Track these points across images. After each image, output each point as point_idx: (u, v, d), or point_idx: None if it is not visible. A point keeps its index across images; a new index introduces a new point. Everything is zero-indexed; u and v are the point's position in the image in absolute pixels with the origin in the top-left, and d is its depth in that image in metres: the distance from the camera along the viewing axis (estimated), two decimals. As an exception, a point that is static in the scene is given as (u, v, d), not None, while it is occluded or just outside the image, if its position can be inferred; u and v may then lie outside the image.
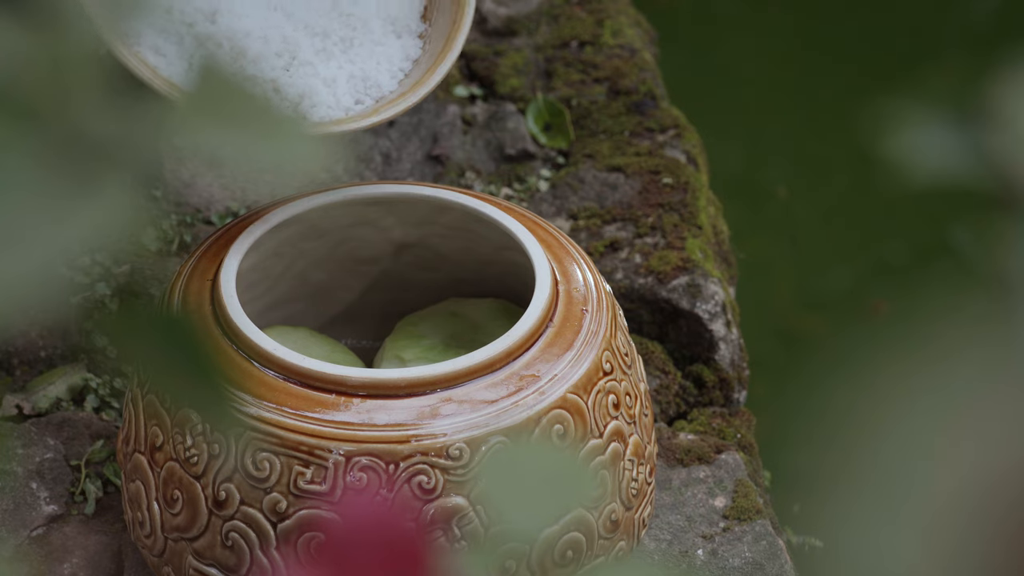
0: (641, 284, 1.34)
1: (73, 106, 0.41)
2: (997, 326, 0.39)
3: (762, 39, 2.19)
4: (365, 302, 1.22)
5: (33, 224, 0.40)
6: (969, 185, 0.45)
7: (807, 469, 0.49)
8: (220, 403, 0.47)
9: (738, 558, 1.18)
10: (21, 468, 1.20)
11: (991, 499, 0.37)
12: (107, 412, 1.25)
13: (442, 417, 0.99)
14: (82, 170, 0.40)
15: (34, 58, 0.41)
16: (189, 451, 1.01)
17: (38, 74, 0.41)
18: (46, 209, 0.40)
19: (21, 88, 0.41)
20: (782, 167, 2.03)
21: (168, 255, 1.36)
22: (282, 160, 0.42)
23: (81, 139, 0.41)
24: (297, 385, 1.00)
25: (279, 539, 0.99)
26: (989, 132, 0.44)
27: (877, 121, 0.55)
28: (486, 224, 1.13)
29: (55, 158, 0.40)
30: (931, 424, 0.38)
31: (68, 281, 1.29)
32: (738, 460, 1.25)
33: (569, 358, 1.03)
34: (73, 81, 0.41)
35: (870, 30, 2.20)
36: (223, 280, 1.05)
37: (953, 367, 0.38)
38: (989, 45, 2.12)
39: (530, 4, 1.61)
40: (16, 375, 1.29)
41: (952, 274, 1.83)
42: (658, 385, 1.31)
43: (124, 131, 0.41)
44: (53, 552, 1.16)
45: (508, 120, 1.50)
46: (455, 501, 0.98)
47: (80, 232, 0.40)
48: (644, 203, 1.41)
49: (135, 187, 0.40)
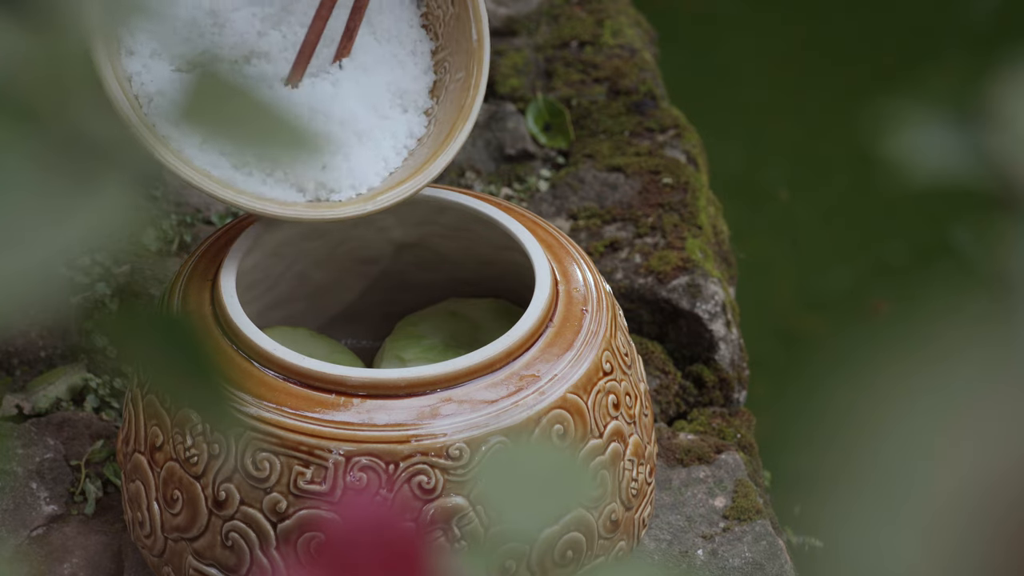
0: (641, 284, 1.34)
1: (73, 106, 0.41)
2: (997, 326, 0.39)
3: (762, 39, 2.19)
4: (365, 302, 1.22)
5: (33, 224, 0.40)
6: (969, 185, 0.45)
7: (807, 469, 0.49)
8: (220, 403, 0.47)
9: (738, 558, 1.18)
10: (21, 468, 1.20)
11: (991, 499, 0.37)
12: (107, 412, 1.25)
13: (442, 417, 0.99)
14: (82, 170, 0.40)
15: (34, 58, 0.41)
16: (189, 451, 1.01)
17: (38, 74, 0.41)
18: (46, 209, 0.40)
19: (20, 88, 0.41)
20: (782, 167, 2.03)
21: (168, 255, 1.36)
22: (281, 161, 0.43)
23: (81, 139, 0.41)
24: (297, 385, 1.00)
25: (279, 539, 0.99)
26: (989, 132, 0.44)
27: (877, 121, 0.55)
28: (486, 224, 1.13)
29: (55, 158, 0.40)
30: (931, 424, 0.38)
31: (68, 281, 1.29)
32: (738, 460, 1.25)
33: (569, 358, 1.03)
34: (72, 81, 0.41)
35: (870, 30, 2.20)
36: (223, 280, 1.05)
37: (953, 367, 0.38)
38: (989, 45, 2.12)
39: (530, 4, 1.61)
40: (16, 375, 1.29)
41: (952, 274, 1.83)
42: (658, 385, 1.31)
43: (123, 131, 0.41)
44: (53, 552, 1.16)
45: (508, 120, 1.50)
46: (455, 501, 0.98)
47: (80, 232, 0.40)
48: (644, 203, 1.41)
49: (135, 187, 0.40)
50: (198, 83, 0.42)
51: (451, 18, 1.12)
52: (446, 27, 1.13)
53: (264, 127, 0.42)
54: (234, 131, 0.42)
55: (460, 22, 1.12)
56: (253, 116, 0.42)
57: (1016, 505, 0.37)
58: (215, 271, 1.07)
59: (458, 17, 1.12)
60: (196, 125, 0.42)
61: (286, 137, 0.43)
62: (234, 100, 0.42)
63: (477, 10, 1.11)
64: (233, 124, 0.42)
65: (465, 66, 1.11)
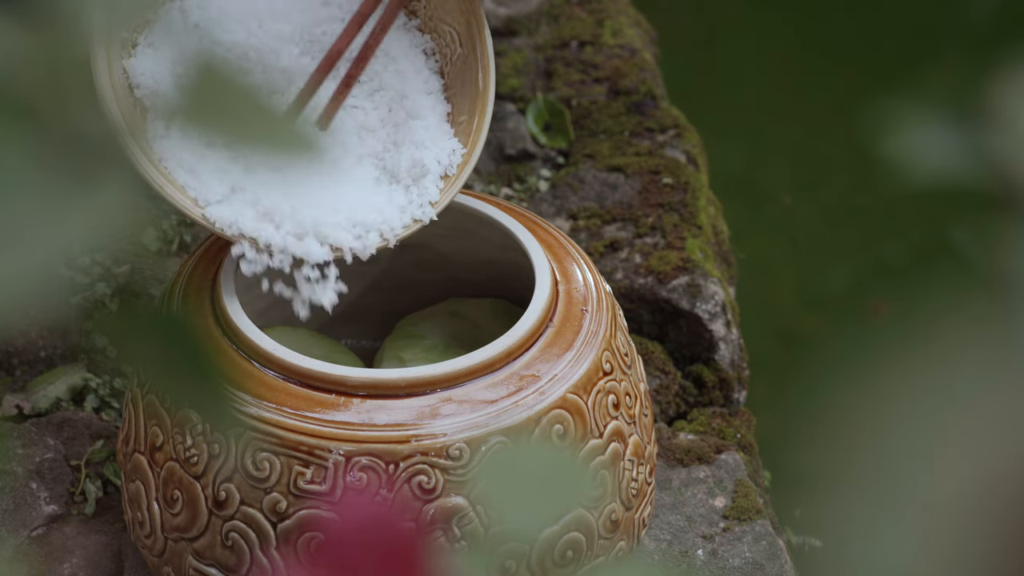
0: (641, 284, 1.34)
1: (72, 106, 0.41)
2: (997, 326, 0.39)
3: (762, 39, 2.19)
4: (365, 302, 1.22)
5: (33, 224, 0.40)
6: (969, 185, 0.45)
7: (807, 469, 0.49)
8: (220, 403, 0.47)
9: (738, 558, 1.18)
10: (21, 468, 1.20)
11: (991, 499, 0.37)
12: (107, 412, 1.25)
13: (442, 417, 0.99)
14: (82, 170, 0.40)
15: (34, 58, 0.41)
16: (189, 451, 1.01)
17: (37, 74, 0.41)
18: (46, 209, 0.40)
19: (21, 88, 0.41)
20: (782, 167, 2.03)
21: (168, 255, 1.36)
22: (279, 159, 0.42)
23: (81, 139, 0.41)
24: (297, 385, 1.00)
25: (279, 539, 0.99)
26: (989, 132, 0.44)
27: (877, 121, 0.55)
28: (486, 224, 1.13)
29: (55, 158, 0.40)
30: (931, 424, 0.38)
31: (68, 281, 1.29)
32: (738, 460, 1.25)
33: (569, 358, 1.03)
34: (72, 81, 0.41)
35: (870, 30, 2.20)
36: (223, 280, 1.05)
37: (953, 367, 0.38)
38: (989, 45, 2.12)
39: (530, 4, 1.61)
40: (16, 375, 1.29)
41: (952, 274, 1.83)
42: (658, 385, 1.31)
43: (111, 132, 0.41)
44: (53, 552, 1.16)
45: (508, 120, 1.50)
46: (455, 501, 0.98)
47: (80, 232, 0.40)
48: (644, 203, 1.41)
49: (135, 187, 0.40)
50: (197, 82, 0.42)
51: (458, 59, 1.12)
52: (453, 67, 1.13)
53: (261, 128, 0.42)
54: (230, 131, 0.42)
55: (467, 65, 1.12)
56: (251, 117, 0.42)
57: (1016, 505, 0.37)
58: (215, 271, 1.07)
59: (465, 60, 1.12)
60: (192, 124, 0.42)
61: (283, 139, 0.43)
62: (232, 100, 0.42)
63: (486, 56, 1.11)
64: (230, 124, 0.42)
65: (468, 110, 1.11)
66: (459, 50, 1.12)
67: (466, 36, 1.11)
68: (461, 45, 1.12)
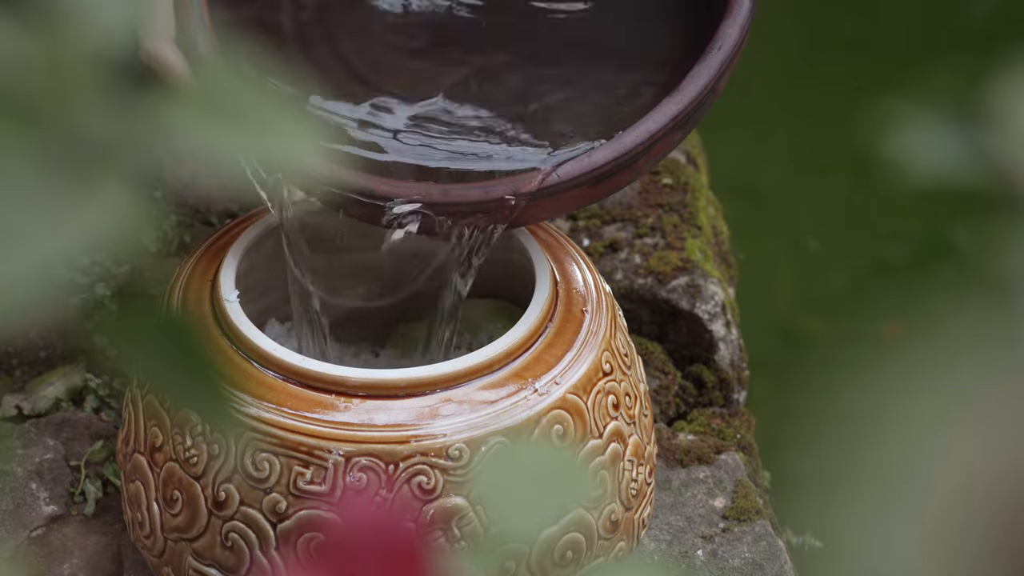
0: (641, 284, 1.34)
1: (72, 107, 0.41)
2: (997, 326, 0.39)
3: (762, 39, 2.19)
4: (365, 302, 1.22)
5: (33, 224, 0.40)
6: (969, 185, 0.45)
7: (807, 469, 0.49)
8: (220, 403, 0.47)
9: (738, 558, 1.18)
10: (21, 468, 1.20)
11: (991, 498, 0.37)
12: (107, 412, 1.25)
13: (442, 417, 0.99)
14: (82, 170, 0.40)
15: (34, 58, 0.41)
16: (189, 451, 1.01)
17: (38, 74, 0.41)
18: (46, 209, 0.40)
19: (21, 88, 0.41)
20: (782, 167, 2.03)
21: (168, 255, 1.36)
22: (280, 158, 0.42)
23: (81, 139, 0.41)
24: (297, 385, 1.00)
25: (279, 539, 0.99)
26: (989, 132, 0.44)
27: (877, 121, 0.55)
28: (486, 224, 1.13)
29: (55, 158, 0.40)
30: (931, 424, 0.38)
31: (68, 281, 1.29)
32: (738, 460, 1.25)
33: (569, 358, 1.03)
34: (72, 81, 0.41)
35: (870, 30, 2.20)
36: (223, 280, 1.05)
37: (953, 367, 0.38)
38: (989, 45, 2.12)
39: (530, 4, 1.61)
40: (16, 375, 1.29)
41: (952, 274, 1.83)
42: (658, 385, 1.31)
43: (124, 131, 0.41)
44: (53, 552, 1.16)
45: (508, 120, 1.49)
46: (455, 501, 0.98)
47: (80, 232, 0.40)
48: (644, 203, 1.41)
49: (135, 188, 0.40)
50: (202, 76, 0.42)
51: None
52: None
53: (263, 123, 0.42)
54: (234, 126, 0.42)
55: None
56: (253, 111, 0.42)
57: (1016, 504, 0.37)
58: (215, 271, 1.07)
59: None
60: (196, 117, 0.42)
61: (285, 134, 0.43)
62: (237, 96, 0.42)
63: None
64: (233, 119, 0.42)
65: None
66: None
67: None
68: None
